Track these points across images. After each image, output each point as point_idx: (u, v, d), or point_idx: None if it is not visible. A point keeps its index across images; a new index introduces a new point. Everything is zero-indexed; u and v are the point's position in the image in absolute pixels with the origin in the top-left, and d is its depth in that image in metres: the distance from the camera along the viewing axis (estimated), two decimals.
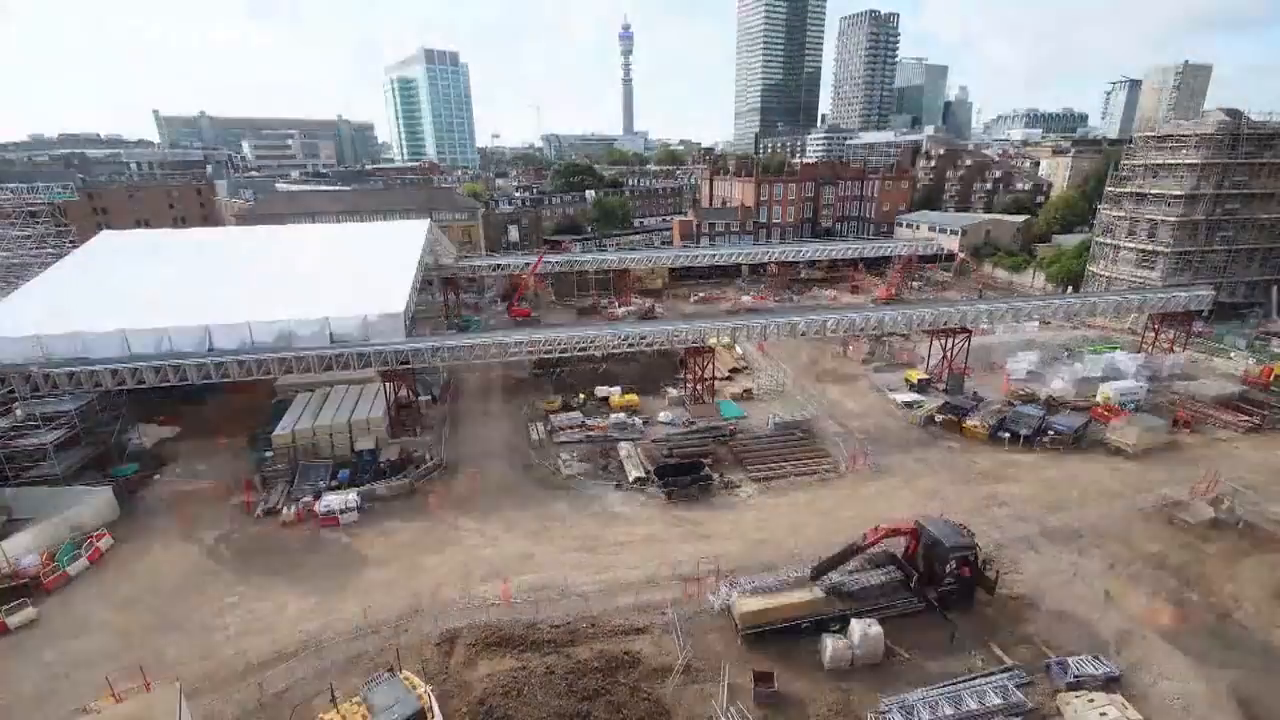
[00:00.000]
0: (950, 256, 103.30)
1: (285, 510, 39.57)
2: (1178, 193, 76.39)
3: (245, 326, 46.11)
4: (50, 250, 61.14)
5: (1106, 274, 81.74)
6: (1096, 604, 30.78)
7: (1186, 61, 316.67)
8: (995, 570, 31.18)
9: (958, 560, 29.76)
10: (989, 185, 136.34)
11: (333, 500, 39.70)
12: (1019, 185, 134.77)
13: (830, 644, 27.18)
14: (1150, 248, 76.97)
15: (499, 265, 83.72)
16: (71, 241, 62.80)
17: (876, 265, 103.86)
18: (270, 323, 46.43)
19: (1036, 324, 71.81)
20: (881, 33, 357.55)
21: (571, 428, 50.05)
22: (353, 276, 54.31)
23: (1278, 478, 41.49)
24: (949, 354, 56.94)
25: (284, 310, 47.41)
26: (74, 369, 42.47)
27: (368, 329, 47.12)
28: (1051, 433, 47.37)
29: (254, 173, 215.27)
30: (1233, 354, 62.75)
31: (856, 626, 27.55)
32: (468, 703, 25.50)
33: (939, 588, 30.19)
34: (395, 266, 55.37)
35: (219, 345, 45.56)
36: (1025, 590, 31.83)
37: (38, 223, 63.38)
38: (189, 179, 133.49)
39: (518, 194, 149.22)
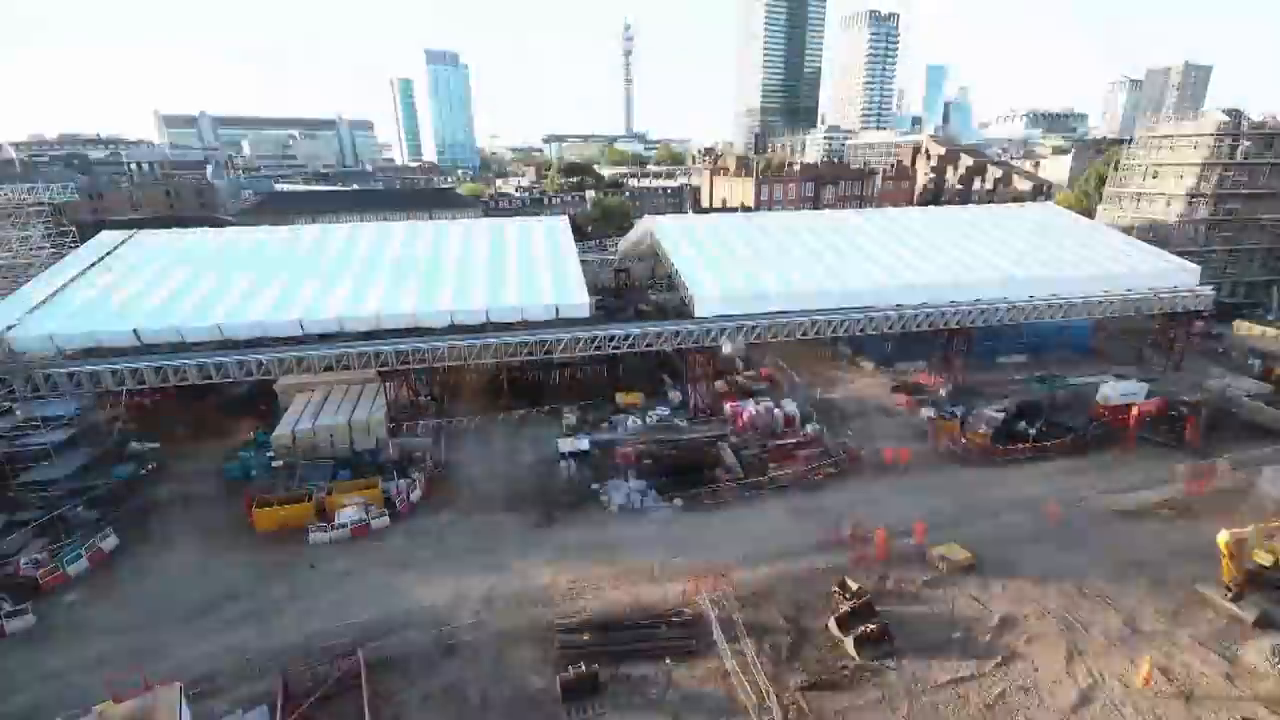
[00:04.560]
0: None
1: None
2: (1178, 193, 76.44)
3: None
4: (50, 251, 61.06)
5: None
6: None
7: (1186, 61, 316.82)
8: None
9: None
10: (989, 185, 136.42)
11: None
12: (1019, 185, 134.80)
13: None
14: None
15: None
16: (73, 242, 62.63)
17: None
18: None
19: None
20: (881, 33, 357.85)
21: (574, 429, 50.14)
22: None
23: None
24: (952, 355, 57.00)
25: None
26: (74, 369, 42.50)
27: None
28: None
29: (254, 172, 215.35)
30: None
31: None
32: None
33: None
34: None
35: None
36: None
37: (38, 223, 63.33)
38: (189, 179, 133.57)
39: (518, 194, 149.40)
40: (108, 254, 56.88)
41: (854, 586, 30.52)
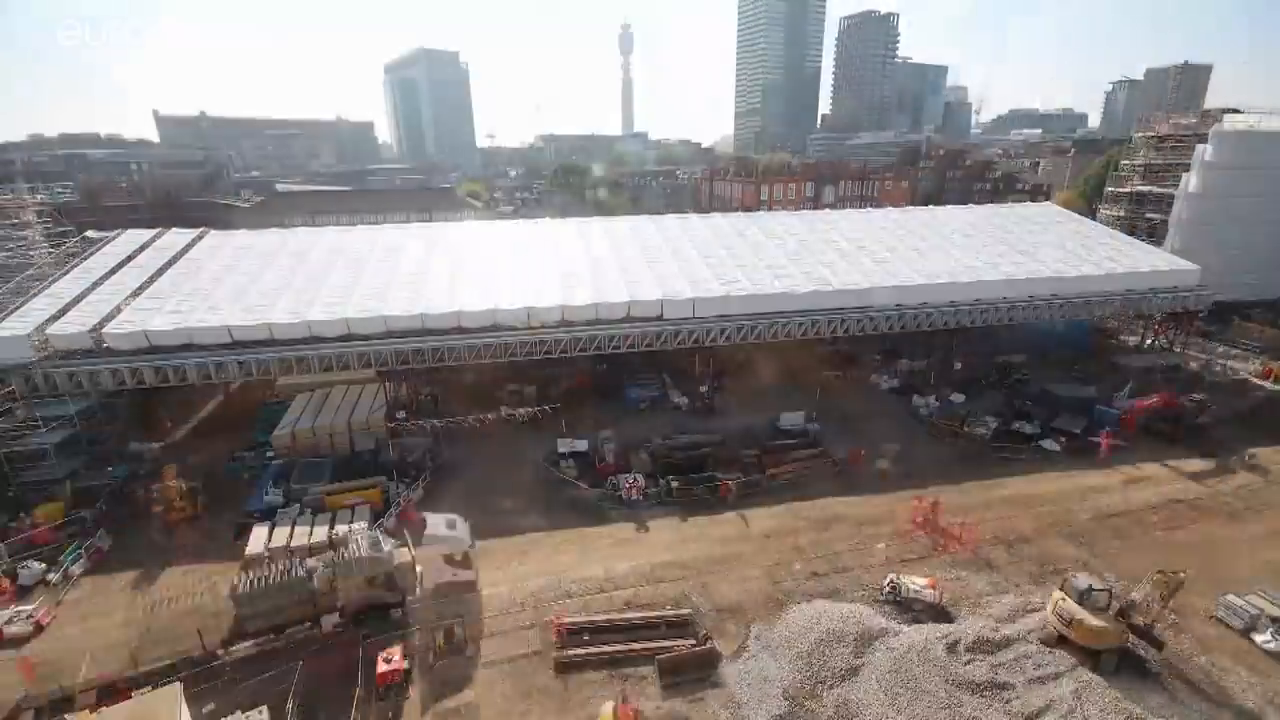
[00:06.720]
0: None
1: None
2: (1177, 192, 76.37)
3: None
4: (49, 250, 61.05)
5: None
6: None
7: (1186, 61, 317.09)
8: None
9: None
10: (988, 185, 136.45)
11: None
12: (1019, 185, 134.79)
13: None
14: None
15: None
16: (74, 243, 62.55)
17: None
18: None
19: None
20: (881, 33, 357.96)
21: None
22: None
23: None
24: (952, 355, 57.10)
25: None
26: (74, 368, 42.46)
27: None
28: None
29: (254, 173, 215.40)
30: None
31: None
32: None
33: None
34: None
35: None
36: None
37: (38, 223, 63.42)
38: (190, 179, 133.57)
39: (518, 194, 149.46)
40: (179, 253, 57.71)
41: None
